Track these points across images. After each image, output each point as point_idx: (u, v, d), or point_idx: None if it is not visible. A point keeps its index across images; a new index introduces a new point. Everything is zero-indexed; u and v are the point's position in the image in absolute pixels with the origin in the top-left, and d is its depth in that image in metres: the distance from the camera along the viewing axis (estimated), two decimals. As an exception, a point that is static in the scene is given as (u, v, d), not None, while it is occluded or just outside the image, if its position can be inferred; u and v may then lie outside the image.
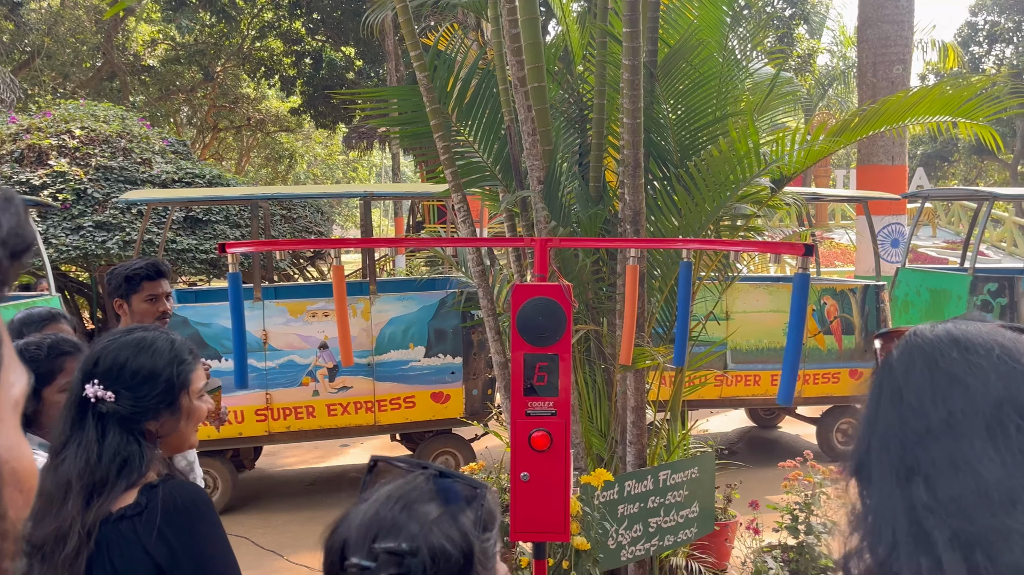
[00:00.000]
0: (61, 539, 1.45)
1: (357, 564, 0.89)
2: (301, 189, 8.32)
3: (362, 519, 0.93)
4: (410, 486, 0.96)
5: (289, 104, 23.54)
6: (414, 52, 3.60)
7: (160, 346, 1.62)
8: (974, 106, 4.02)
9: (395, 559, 0.88)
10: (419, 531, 0.90)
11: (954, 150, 27.16)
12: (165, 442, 1.63)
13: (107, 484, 1.49)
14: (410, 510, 0.93)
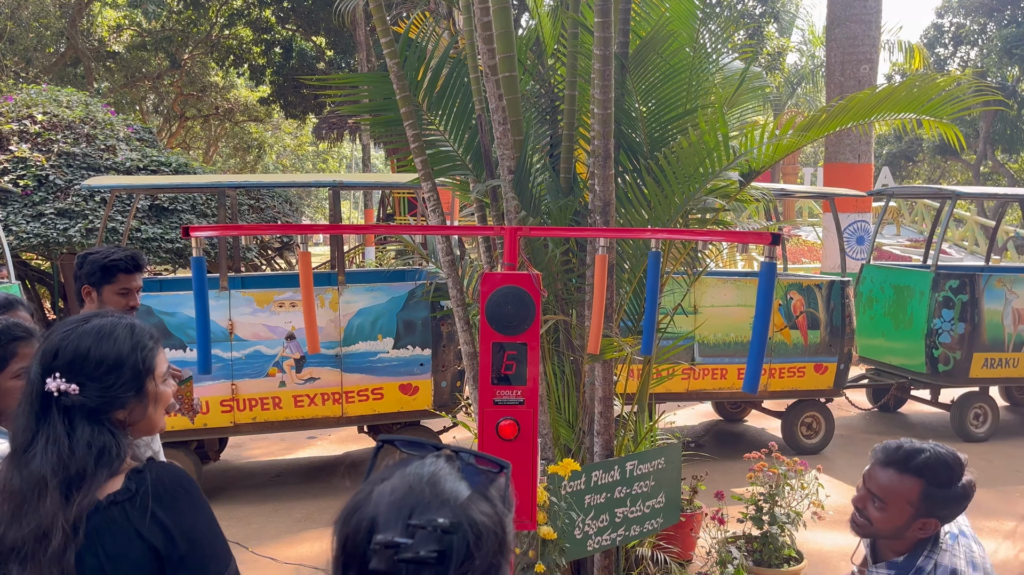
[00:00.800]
0: (43, 537, 1.41)
1: (392, 541, 0.86)
2: (269, 177, 8.21)
3: (391, 498, 0.91)
4: (435, 466, 0.95)
5: (258, 93, 23.26)
6: (385, 39, 3.57)
7: (120, 333, 1.58)
8: (939, 104, 4.09)
9: (435, 535, 0.87)
10: (456, 508, 0.90)
11: (919, 150, 27.64)
12: (134, 428, 1.60)
13: (85, 476, 1.45)
14: (442, 488, 0.91)
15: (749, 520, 4.04)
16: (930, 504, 1.87)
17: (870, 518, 1.95)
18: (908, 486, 1.88)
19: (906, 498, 1.88)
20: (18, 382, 2.22)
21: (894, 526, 1.91)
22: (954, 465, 1.88)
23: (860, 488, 2.00)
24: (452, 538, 0.87)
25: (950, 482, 1.87)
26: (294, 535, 5.26)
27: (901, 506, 1.89)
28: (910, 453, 1.90)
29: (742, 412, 8.33)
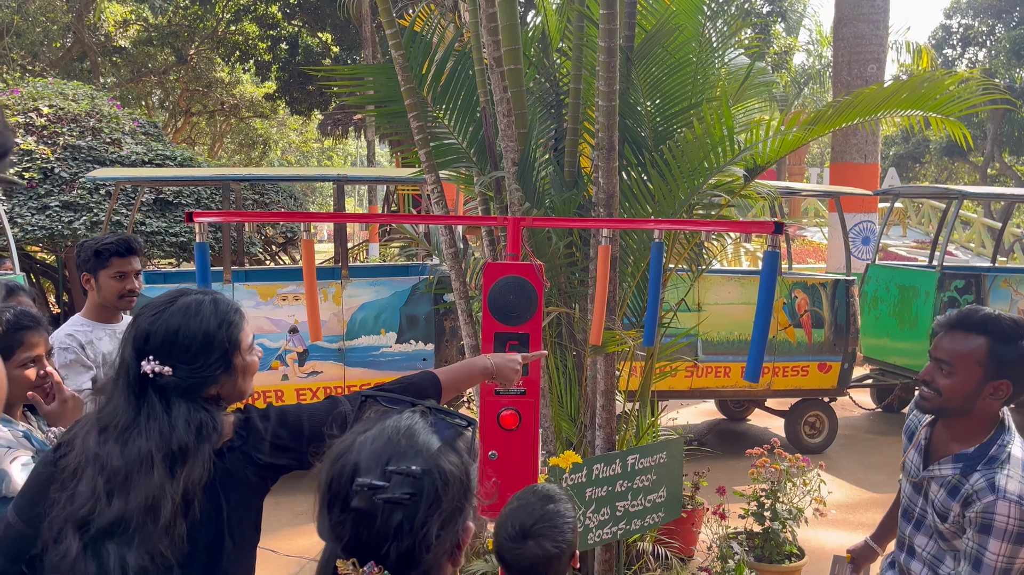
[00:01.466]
0: (152, 509, 1.45)
1: (371, 484, 0.99)
2: (274, 171, 8.21)
3: (372, 447, 1.04)
4: (411, 420, 1.08)
5: (264, 89, 23.27)
6: (390, 31, 3.56)
7: (206, 311, 1.62)
8: (945, 101, 4.06)
9: (408, 480, 1.00)
10: (428, 457, 1.03)
11: (925, 151, 27.56)
12: (226, 400, 1.67)
13: (188, 452, 1.50)
14: (415, 440, 1.04)
15: (751, 516, 4.03)
16: (998, 362, 1.83)
17: (939, 387, 1.90)
18: (974, 344, 1.85)
19: (974, 357, 1.85)
20: (23, 371, 2.22)
21: (964, 391, 1.87)
22: (1019, 321, 1.85)
23: (928, 363, 1.95)
24: (423, 483, 1.00)
25: (1017, 336, 1.83)
26: (295, 528, 5.26)
27: (970, 367, 1.85)
28: (971, 312, 1.89)
29: (745, 411, 8.31)
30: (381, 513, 1.00)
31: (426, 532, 1.00)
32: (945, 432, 1.98)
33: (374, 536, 1.00)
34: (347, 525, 1.02)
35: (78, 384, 2.91)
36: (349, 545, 1.02)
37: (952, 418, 1.95)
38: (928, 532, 2.00)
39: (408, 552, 1.00)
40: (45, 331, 2.32)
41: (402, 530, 1.00)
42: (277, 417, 1.67)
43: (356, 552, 1.01)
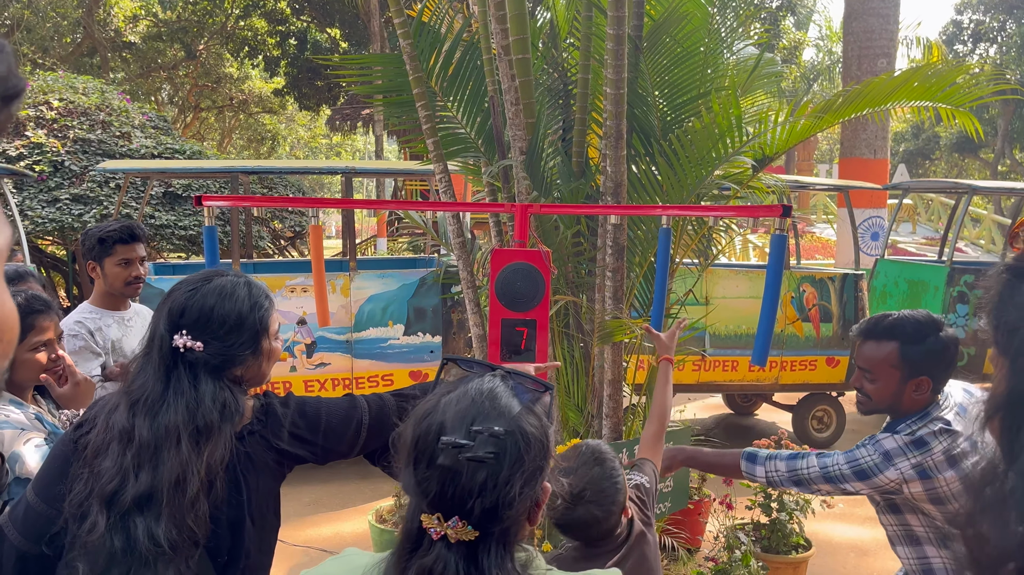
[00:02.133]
0: (180, 482, 1.48)
1: (457, 442, 1.04)
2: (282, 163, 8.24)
3: (457, 408, 1.09)
4: (492, 384, 1.13)
5: (272, 85, 23.33)
6: (398, 19, 3.56)
7: (240, 293, 1.66)
8: (956, 91, 4.04)
9: (492, 440, 1.05)
10: (510, 419, 1.08)
11: (936, 148, 27.42)
12: (248, 383, 1.69)
13: (212, 429, 1.53)
14: (498, 402, 1.09)
15: (758, 507, 4.03)
16: (911, 362, 1.95)
17: (868, 392, 2.04)
18: (886, 350, 1.97)
19: (888, 362, 1.97)
20: (35, 355, 2.24)
21: (889, 393, 2.00)
22: (923, 320, 1.97)
23: (856, 370, 2.09)
24: (506, 443, 1.06)
25: (923, 336, 1.94)
26: (303, 518, 5.29)
27: (887, 371, 1.98)
28: (878, 320, 2.01)
29: (753, 406, 8.29)
30: (466, 471, 1.04)
31: (508, 490, 1.05)
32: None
33: (459, 492, 1.04)
34: (433, 481, 1.06)
35: (88, 370, 2.92)
36: (435, 500, 1.06)
37: (890, 414, 2.10)
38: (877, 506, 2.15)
39: (491, 508, 1.05)
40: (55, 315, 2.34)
41: (485, 487, 1.04)
42: (297, 406, 1.70)
43: (441, 507, 1.05)
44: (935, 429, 1.94)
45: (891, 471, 1.92)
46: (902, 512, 2.03)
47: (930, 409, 1.99)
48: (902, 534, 2.05)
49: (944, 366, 1.97)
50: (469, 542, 1.05)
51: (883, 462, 1.93)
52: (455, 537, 1.04)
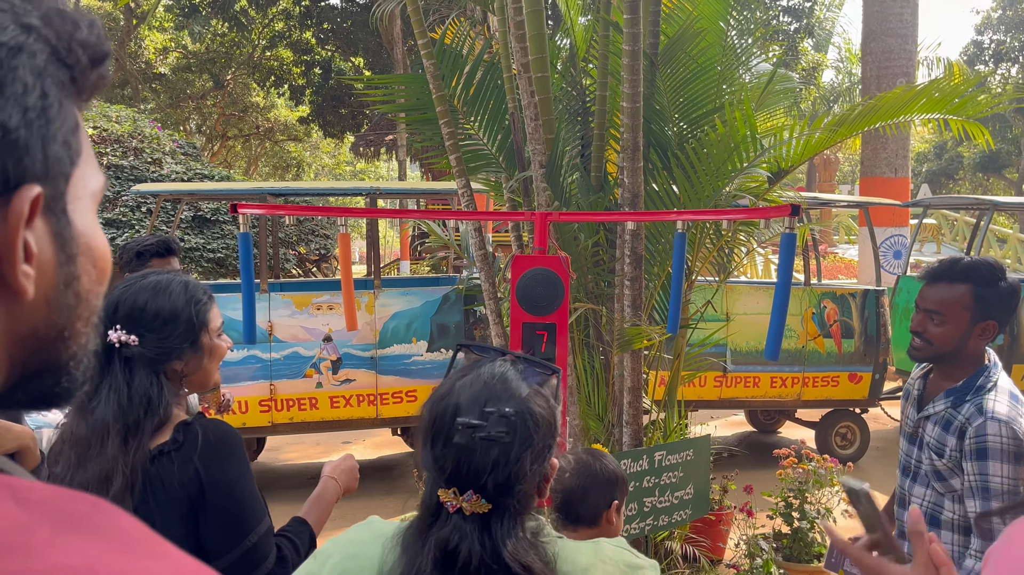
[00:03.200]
0: (105, 479, 1.50)
1: (471, 423, 1.14)
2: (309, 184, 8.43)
3: (471, 391, 1.18)
4: (503, 368, 1.22)
5: (298, 113, 23.76)
6: (422, 41, 3.71)
7: (175, 288, 1.68)
8: (967, 103, 4.10)
9: (504, 420, 1.14)
10: (519, 400, 1.17)
11: (959, 167, 27.25)
12: (190, 380, 1.69)
13: (139, 425, 1.55)
14: (508, 385, 1.18)
15: (779, 516, 4.05)
16: (984, 304, 1.95)
17: (931, 336, 2.01)
18: (960, 292, 1.96)
19: (960, 303, 1.96)
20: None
21: (956, 336, 1.98)
22: (995, 265, 1.98)
23: (916, 314, 2.06)
24: (516, 423, 1.15)
25: (996, 279, 1.95)
26: (328, 535, 5.36)
27: (958, 313, 1.96)
28: (952, 262, 2.00)
29: (776, 423, 8.27)
30: (479, 449, 1.14)
31: (519, 466, 1.14)
32: (937, 378, 2.10)
33: (473, 468, 1.14)
34: (449, 458, 1.15)
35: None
36: (451, 476, 1.15)
37: (944, 364, 2.06)
38: (924, 482, 2.08)
39: (503, 483, 1.14)
40: None
41: (498, 464, 1.13)
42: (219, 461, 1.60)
43: (456, 482, 1.15)
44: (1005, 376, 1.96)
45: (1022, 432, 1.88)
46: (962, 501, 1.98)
47: (990, 361, 2.01)
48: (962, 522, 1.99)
49: (1010, 311, 1.98)
50: (483, 514, 1.14)
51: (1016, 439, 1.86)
52: (470, 510, 1.13)
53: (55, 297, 0.53)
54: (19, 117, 0.48)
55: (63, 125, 0.52)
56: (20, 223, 0.49)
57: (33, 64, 0.49)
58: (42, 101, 0.50)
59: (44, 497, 0.45)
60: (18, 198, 0.48)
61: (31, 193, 0.49)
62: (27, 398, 0.56)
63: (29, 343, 0.53)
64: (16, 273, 0.49)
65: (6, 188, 0.48)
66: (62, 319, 0.54)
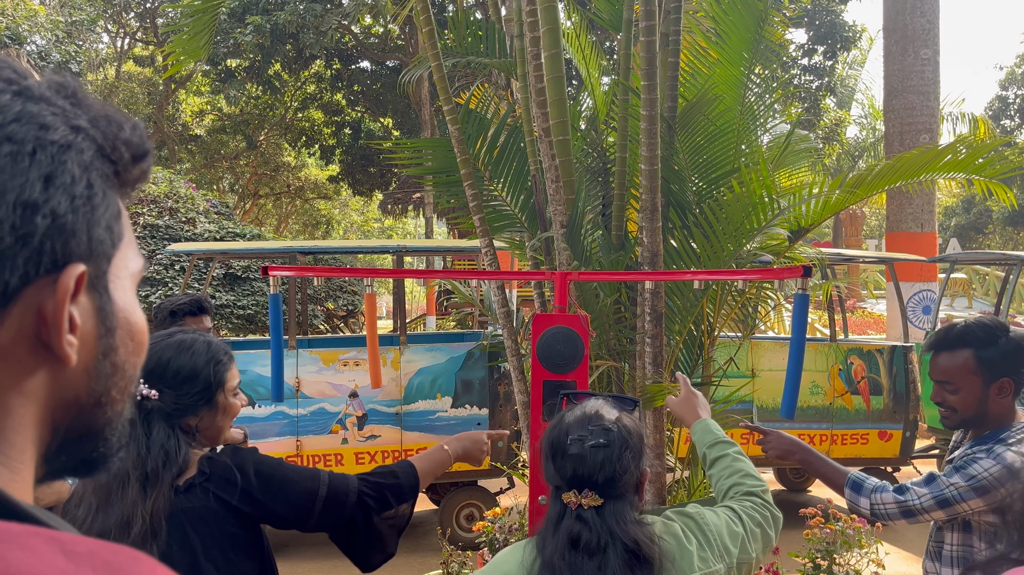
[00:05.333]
0: (126, 524, 1.58)
1: (580, 436, 1.50)
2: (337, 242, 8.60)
3: (576, 416, 1.56)
4: (598, 402, 1.61)
5: (328, 172, 24.30)
6: (447, 107, 3.85)
7: (199, 347, 1.77)
8: (988, 164, 4.14)
9: (603, 431, 1.50)
10: (612, 418, 1.55)
11: (988, 222, 27.02)
12: (203, 435, 1.78)
13: (157, 475, 1.63)
14: (604, 411, 1.57)
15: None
16: (989, 365, 1.96)
17: (952, 405, 2.04)
18: (963, 358, 1.98)
19: (966, 369, 1.97)
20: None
21: (974, 400, 1.99)
22: (991, 324, 1.99)
23: (933, 386, 2.08)
24: (613, 434, 1.51)
25: (995, 338, 1.96)
26: None
27: (968, 379, 1.98)
28: (947, 330, 2.03)
29: (806, 482, 8.13)
30: (589, 454, 1.48)
31: (620, 464, 1.48)
32: (972, 433, 2.12)
33: (587, 470, 1.47)
34: (568, 466, 1.49)
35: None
36: (571, 480, 1.49)
37: (975, 427, 2.08)
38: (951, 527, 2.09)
39: (610, 479, 1.47)
40: None
41: (604, 463, 1.47)
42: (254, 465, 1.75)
43: (575, 484, 1.49)
44: None
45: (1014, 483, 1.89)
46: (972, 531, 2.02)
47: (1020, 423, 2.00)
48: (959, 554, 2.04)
49: (1022, 364, 1.97)
50: (598, 507, 1.47)
51: (1005, 475, 1.89)
52: (587, 504, 1.47)
53: (94, 366, 0.59)
54: (67, 204, 0.55)
55: (106, 212, 0.59)
56: (66, 297, 0.55)
57: (80, 159, 0.56)
58: (88, 191, 0.56)
59: (89, 550, 0.50)
60: (65, 275, 0.55)
61: (76, 271, 0.55)
62: (69, 463, 0.62)
63: (72, 409, 0.59)
64: (62, 342, 0.55)
65: (55, 267, 0.55)
66: (100, 387, 0.60)
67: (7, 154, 0.52)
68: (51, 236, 0.54)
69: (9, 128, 0.53)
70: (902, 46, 11.35)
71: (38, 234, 0.53)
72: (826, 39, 16.27)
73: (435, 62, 3.84)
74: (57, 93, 0.57)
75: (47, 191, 0.53)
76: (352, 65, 20.06)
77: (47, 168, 0.54)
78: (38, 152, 0.54)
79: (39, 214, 0.53)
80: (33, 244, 0.53)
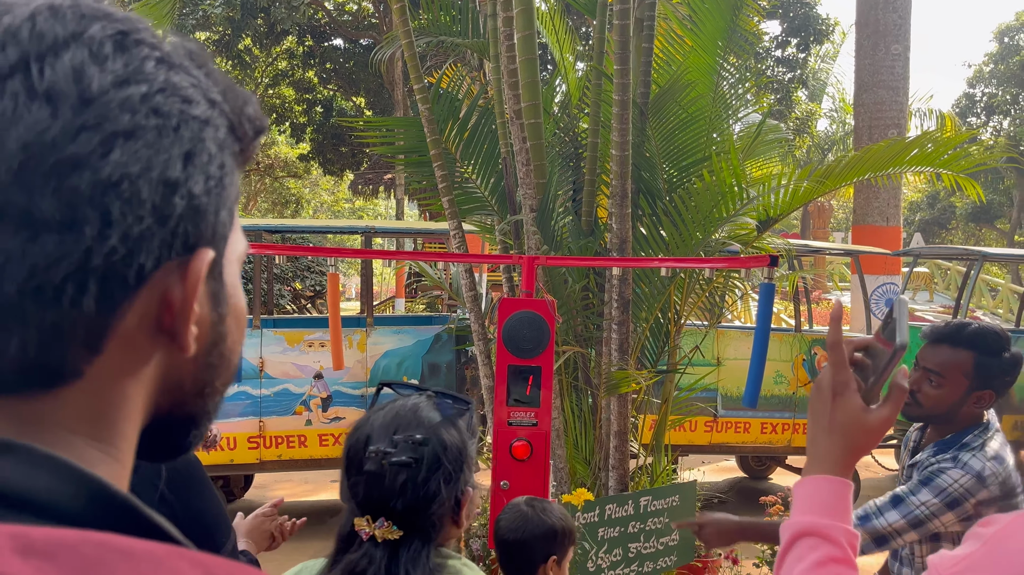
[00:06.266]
0: None
1: (380, 449, 1.18)
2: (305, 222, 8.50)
3: (383, 421, 1.23)
4: (417, 401, 1.27)
5: (298, 150, 23.99)
6: (417, 85, 3.79)
7: None
8: (955, 158, 4.19)
9: (411, 446, 1.18)
10: (429, 428, 1.21)
11: (952, 217, 27.51)
12: None
13: None
14: (420, 415, 1.23)
15: (765, 565, 4.03)
16: (984, 373, 1.92)
17: (925, 398, 1.98)
18: (962, 358, 1.93)
19: (961, 369, 1.93)
20: None
21: (950, 401, 1.95)
22: (1002, 335, 1.95)
23: (914, 371, 2.02)
24: (424, 449, 1.19)
25: (1000, 350, 1.93)
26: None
27: (957, 379, 1.94)
28: (959, 326, 1.97)
29: (767, 470, 8.24)
30: (388, 474, 1.18)
31: (427, 489, 1.18)
32: (932, 432, 2.09)
33: (383, 494, 1.18)
34: (360, 486, 1.20)
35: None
36: (363, 503, 1.20)
37: (937, 424, 2.05)
38: None
39: (412, 506, 1.18)
40: None
41: (406, 488, 1.17)
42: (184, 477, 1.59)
43: (369, 510, 1.19)
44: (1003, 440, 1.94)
45: (983, 492, 1.87)
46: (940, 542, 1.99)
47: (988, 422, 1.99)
48: None
49: (1009, 382, 1.96)
50: (393, 541, 1.18)
51: (976, 485, 1.87)
52: (381, 536, 1.18)
53: (203, 355, 0.55)
54: (203, 185, 0.51)
55: (233, 192, 0.55)
56: (199, 284, 0.51)
57: (216, 136, 0.53)
58: (220, 171, 0.53)
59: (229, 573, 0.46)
60: (197, 261, 0.51)
61: (207, 257, 0.52)
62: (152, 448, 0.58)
63: (175, 395, 0.55)
64: (187, 332, 0.52)
65: (186, 250, 0.51)
66: (206, 376, 0.57)
67: (153, 127, 0.49)
68: (186, 218, 0.50)
69: (155, 100, 0.49)
70: (873, 41, 11.45)
71: (175, 215, 0.49)
72: (800, 31, 16.36)
73: (406, 40, 3.77)
74: (192, 61, 0.54)
75: (187, 170, 0.50)
76: (325, 42, 19.77)
77: (188, 145, 0.51)
78: (182, 127, 0.50)
79: (178, 194, 0.50)
80: (170, 225, 0.49)
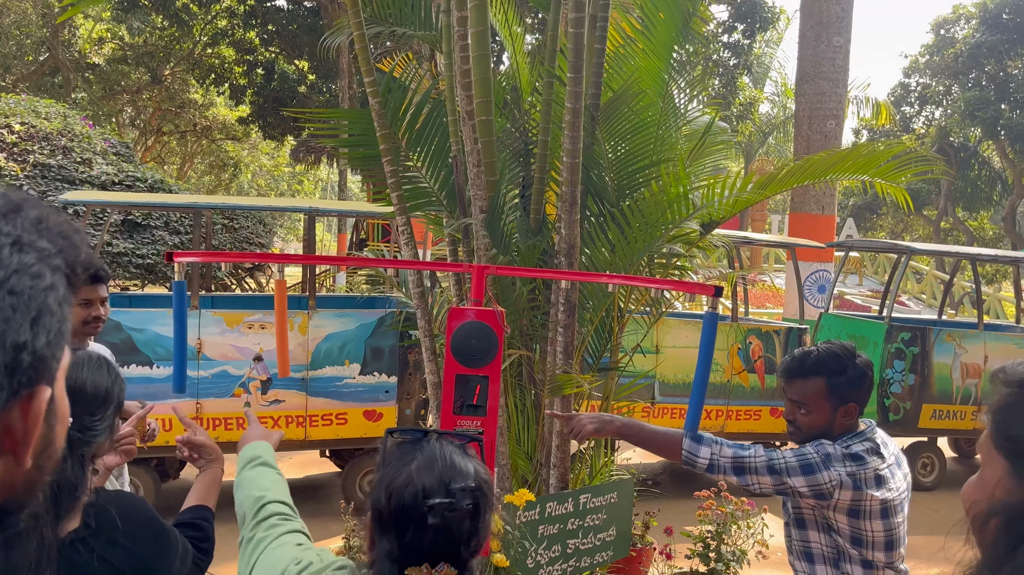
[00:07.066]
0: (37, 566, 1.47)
1: (443, 502, 1.21)
2: (246, 200, 8.30)
3: (431, 473, 1.24)
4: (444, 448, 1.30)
5: (237, 113, 23.31)
6: (368, 78, 3.73)
7: (101, 363, 1.62)
8: (889, 169, 4.35)
9: (469, 494, 1.23)
10: (474, 475, 1.26)
11: (882, 204, 28.42)
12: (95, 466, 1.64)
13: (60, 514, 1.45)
14: (459, 463, 1.27)
15: (696, 557, 4.18)
16: (839, 392, 2.13)
17: (801, 424, 2.19)
18: (815, 385, 2.14)
19: (819, 395, 2.14)
20: None
21: (823, 422, 2.16)
22: (841, 353, 2.15)
23: (786, 403, 2.24)
24: (478, 494, 1.25)
25: (844, 368, 2.13)
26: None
27: (819, 403, 2.15)
28: (801, 359, 2.18)
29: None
30: (454, 523, 1.22)
31: (485, 528, 1.27)
32: None
33: (452, 543, 1.22)
34: (424, 540, 1.22)
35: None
36: (430, 556, 1.22)
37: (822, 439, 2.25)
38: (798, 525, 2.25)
39: (475, 550, 1.26)
40: None
41: (472, 532, 1.24)
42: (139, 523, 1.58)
43: (429, 559, 1.22)
44: (868, 447, 2.12)
45: (832, 471, 2.05)
46: (807, 528, 2.19)
47: (864, 431, 2.17)
48: (801, 550, 2.21)
49: (866, 390, 2.16)
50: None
51: (824, 462, 2.06)
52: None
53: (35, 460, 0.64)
54: (45, 339, 0.61)
55: (67, 327, 0.65)
56: (39, 420, 0.61)
57: (57, 295, 0.63)
58: (60, 324, 0.63)
59: None
60: (37, 401, 0.61)
61: (45, 395, 0.62)
62: None
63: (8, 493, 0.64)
64: (27, 453, 0.61)
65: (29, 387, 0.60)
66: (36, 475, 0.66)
67: (8, 306, 0.59)
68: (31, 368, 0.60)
69: (10, 283, 0.60)
70: (816, 32, 11.67)
71: (22, 368, 0.60)
72: (747, 18, 16.56)
73: (358, 31, 3.70)
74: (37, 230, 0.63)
75: (33, 330, 0.60)
76: (267, 2, 19.18)
77: (35, 312, 0.61)
78: (32, 300, 0.61)
79: (25, 351, 0.60)
80: (17, 376, 0.59)
